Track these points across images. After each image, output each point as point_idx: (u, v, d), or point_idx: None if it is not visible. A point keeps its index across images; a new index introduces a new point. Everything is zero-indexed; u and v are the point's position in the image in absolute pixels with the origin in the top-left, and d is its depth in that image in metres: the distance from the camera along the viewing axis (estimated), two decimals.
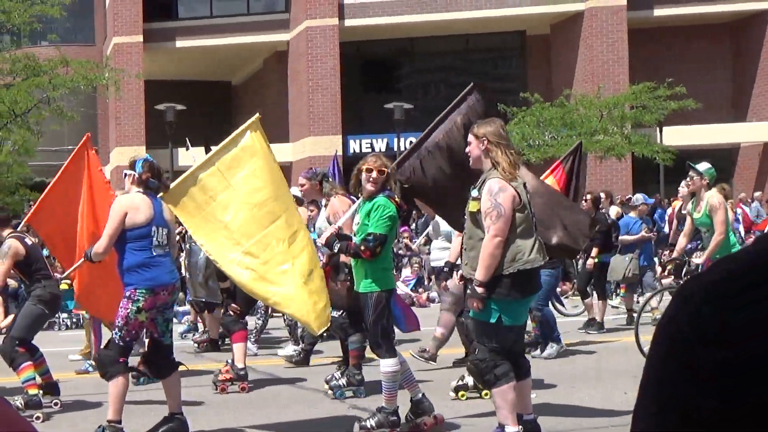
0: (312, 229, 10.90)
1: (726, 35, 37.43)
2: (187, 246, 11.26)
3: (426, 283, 20.95)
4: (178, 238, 10.32)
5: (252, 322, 12.86)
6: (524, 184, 6.85)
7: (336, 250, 7.87)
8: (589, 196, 14.36)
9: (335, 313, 9.44)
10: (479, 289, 6.61)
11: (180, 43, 38.33)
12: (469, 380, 8.91)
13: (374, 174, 7.52)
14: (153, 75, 37.14)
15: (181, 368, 7.95)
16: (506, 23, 36.81)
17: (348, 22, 36.13)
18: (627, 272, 14.51)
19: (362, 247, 7.35)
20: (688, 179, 10.97)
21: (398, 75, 40.16)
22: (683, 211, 13.05)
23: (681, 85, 29.24)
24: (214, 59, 40.25)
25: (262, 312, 13.28)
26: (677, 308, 0.89)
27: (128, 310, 7.44)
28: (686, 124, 32.58)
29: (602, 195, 16.30)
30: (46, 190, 9.89)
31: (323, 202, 9.73)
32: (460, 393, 9.04)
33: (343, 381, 9.39)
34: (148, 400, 9.27)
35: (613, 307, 16.44)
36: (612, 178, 33.61)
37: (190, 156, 12.28)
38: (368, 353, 9.15)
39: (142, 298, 7.43)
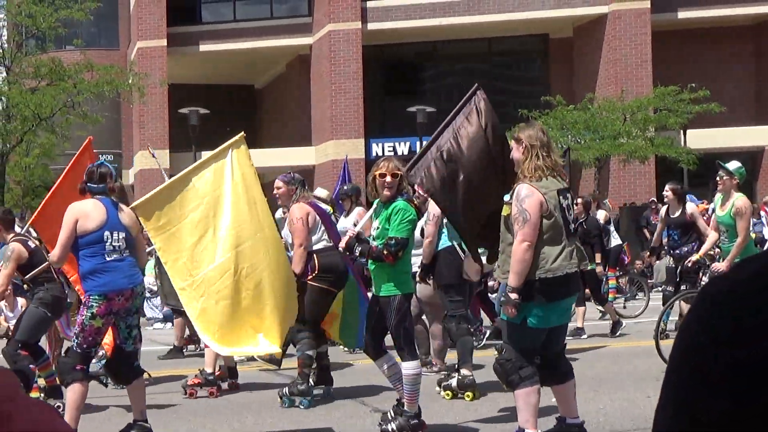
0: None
1: (749, 37, 37.25)
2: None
3: None
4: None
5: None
6: (559, 191, 6.78)
7: (357, 254, 7.84)
8: (579, 200, 14.33)
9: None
10: (512, 295, 6.57)
11: (203, 47, 38.47)
12: (453, 382, 9.16)
13: (388, 178, 7.53)
14: (176, 79, 37.28)
15: (144, 375, 7.95)
16: (529, 26, 36.75)
17: (371, 26, 36.16)
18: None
19: (384, 252, 7.33)
20: (717, 178, 10.90)
21: (421, 78, 40.15)
22: (671, 216, 13.03)
23: (704, 88, 29.14)
24: (237, 63, 40.37)
25: None
26: (693, 311, 0.89)
27: (83, 317, 7.39)
28: (709, 126, 32.43)
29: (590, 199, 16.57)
30: (48, 194, 10.00)
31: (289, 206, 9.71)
32: (446, 393, 9.24)
33: (287, 390, 9.31)
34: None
35: (600, 311, 16.23)
36: (635, 181, 33.50)
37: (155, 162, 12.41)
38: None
39: (95, 303, 7.33)
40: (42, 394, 9.17)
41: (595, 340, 13.62)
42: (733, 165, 10.89)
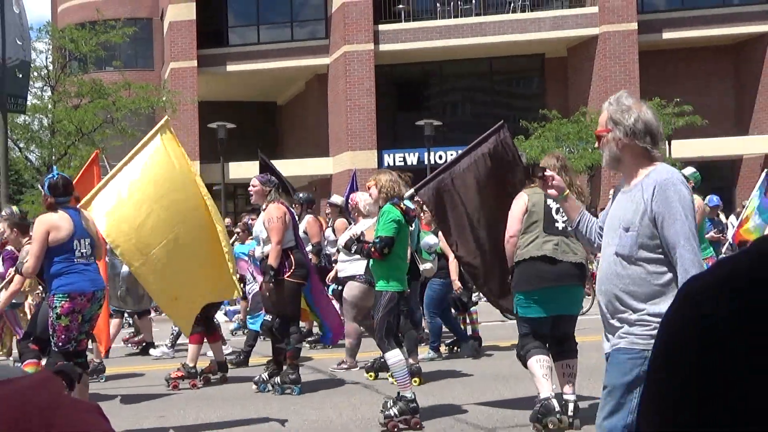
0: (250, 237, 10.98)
1: (729, 56, 37.14)
2: (107, 259, 10.55)
3: None
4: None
5: (169, 326, 12.78)
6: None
7: (353, 251, 8.15)
8: None
9: (267, 317, 9.56)
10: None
11: (230, 68, 38.52)
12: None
13: (372, 190, 7.95)
14: (206, 96, 37.37)
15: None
16: (527, 47, 36.70)
17: (382, 47, 36.17)
18: None
19: (372, 249, 7.61)
20: None
21: (428, 95, 40.12)
22: None
23: (688, 103, 29.09)
24: (261, 82, 40.43)
25: None
26: (672, 310, 0.86)
27: (51, 317, 7.38)
28: (693, 137, 32.35)
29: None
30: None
31: (263, 206, 9.59)
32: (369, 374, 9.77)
33: (264, 376, 9.40)
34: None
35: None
36: None
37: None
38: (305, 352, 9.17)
39: (58, 303, 7.32)
40: None
41: (589, 332, 13.56)
42: (689, 170, 10.83)
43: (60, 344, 7.40)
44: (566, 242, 7.15)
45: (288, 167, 32.13)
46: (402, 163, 34.73)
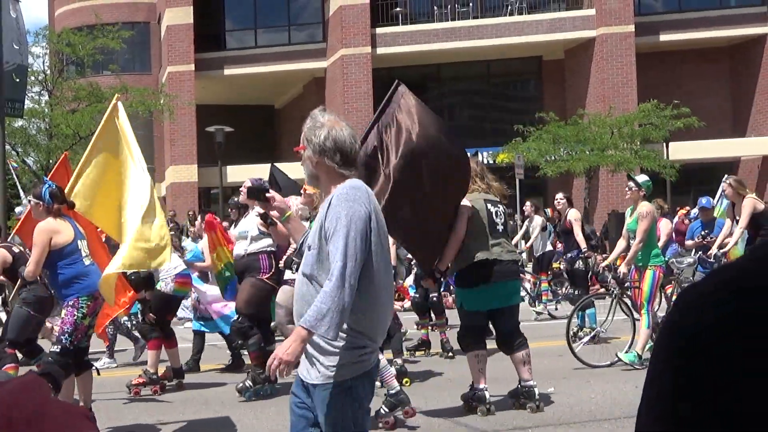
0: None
1: (726, 58, 37.19)
2: None
3: None
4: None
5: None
6: (487, 200, 8.01)
7: (294, 269, 8.01)
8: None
9: (234, 317, 9.57)
10: (437, 274, 7.99)
11: (228, 71, 38.53)
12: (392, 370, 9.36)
13: (310, 195, 8.08)
14: (203, 100, 37.35)
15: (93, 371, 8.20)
16: (524, 49, 36.73)
17: (380, 51, 36.19)
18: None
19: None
20: (627, 189, 10.80)
21: (426, 98, 39.79)
22: (561, 223, 12.97)
23: (685, 106, 29.11)
24: (258, 85, 40.43)
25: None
26: (671, 315, 0.87)
27: (75, 317, 7.56)
28: (690, 139, 32.36)
29: (529, 204, 17.04)
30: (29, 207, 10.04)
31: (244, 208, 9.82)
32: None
33: (249, 383, 9.26)
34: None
35: (537, 312, 16.10)
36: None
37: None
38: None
39: (84, 305, 7.57)
40: None
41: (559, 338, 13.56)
42: (641, 178, 10.83)
43: (76, 342, 7.62)
44: (506, 243, 8.02)
45: (285, 170, 32.08)
46: None
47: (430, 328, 12.19)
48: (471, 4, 36.46)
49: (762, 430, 0.76)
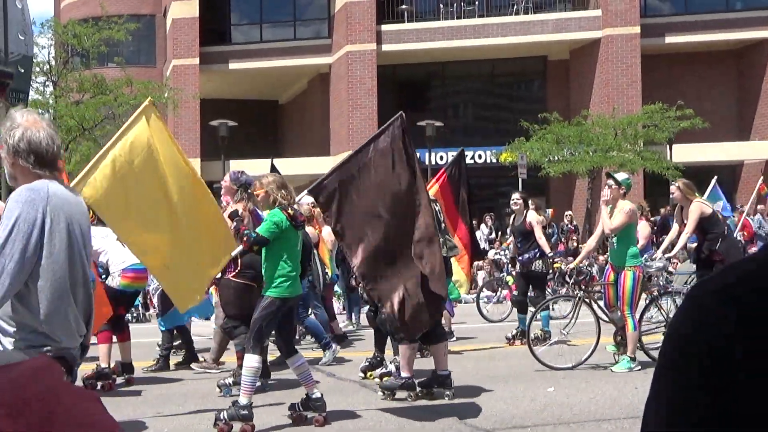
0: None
1: (731, 61, 37.14)
2: None
3: None
4: None
5: None
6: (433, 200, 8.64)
7: (234, 224, 8.16)
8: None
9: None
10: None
11: (233, 66, 38.53)
12: (392, 367, 9.57)
13: (259, 194, 7.86)
14: (208, 94, 37.37)
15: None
16: (529, 49, 36.69)
17: (385, 47, 36.17)
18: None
19: (244, 237, 7.59)
20: (607, 187, 10.70)
21: (430, 96, 40.10)
22: (515, 224, 12.78)
23: (690, 107, 29.08)
24: (263, 80, 40.43)
25: None
26: (682, 312, 0.87)
27: None
28: (694, 142, 32.34)
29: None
30: None
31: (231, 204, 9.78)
32: (385, 378, 9.56)
33: (230, 380, 9.22)
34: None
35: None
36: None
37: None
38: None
39: None
40: None
41: (586, 337, 13.56)
42: (621, 176, 10.75)
43: None
44: (448, 239, 8.77)
45: (289, 166, 32.11)
46: None
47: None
48: (477, 3, 36.43)
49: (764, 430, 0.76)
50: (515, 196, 12.88)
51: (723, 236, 11.02)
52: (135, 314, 17.41)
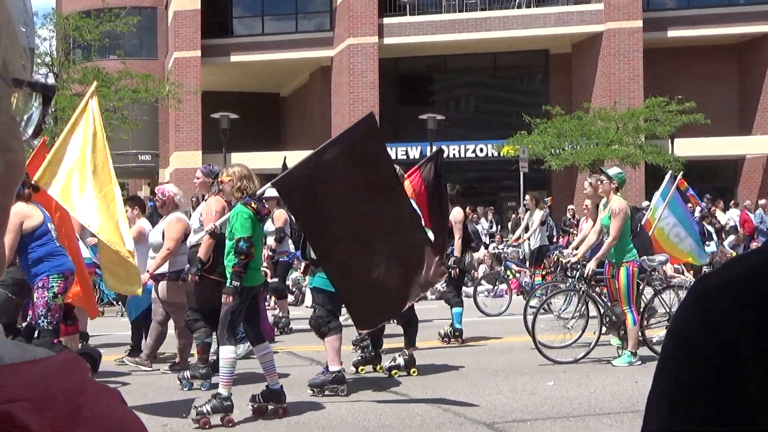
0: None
1: (733, 55, 37.10)
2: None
3: None
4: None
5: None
6: None
7: (191, 272, 8.51)
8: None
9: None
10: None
11: (234, 58, 38.51)
12: (401, 361, 9.58)
13: (226, 184, 7.96)
14: (209, 86, 37.34)
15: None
16: (531, 42, 36.67)
17: (387, 41, 36.13)
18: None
19: (241, 255, 7.53)
20: (598, 181, 10.64)
21: (432, 89, 40.09)
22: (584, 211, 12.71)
23: (691, 101, 29.04)
24: (265, 73, 40.40)
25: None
26: (686, 305, 0.86)
27: (46, 298, 7.69)
28: (696, 136, 32.31)
29: (528, 197, 16.98)
30: None
31: (206, 197, 9.62)
32: (393, 372, 9.53)
33: (188, 374, 9.12)
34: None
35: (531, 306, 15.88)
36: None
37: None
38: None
39: (55, 284, 7.74)
40: None
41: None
42: (613, 171, 10.68)
43: (54, 323, 7.79)
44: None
45: (290, 159, 32.12)
46: (404, 157, 34.68)
47: None
48: None
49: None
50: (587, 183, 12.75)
51: (635, 232, 11.07)
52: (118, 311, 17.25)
